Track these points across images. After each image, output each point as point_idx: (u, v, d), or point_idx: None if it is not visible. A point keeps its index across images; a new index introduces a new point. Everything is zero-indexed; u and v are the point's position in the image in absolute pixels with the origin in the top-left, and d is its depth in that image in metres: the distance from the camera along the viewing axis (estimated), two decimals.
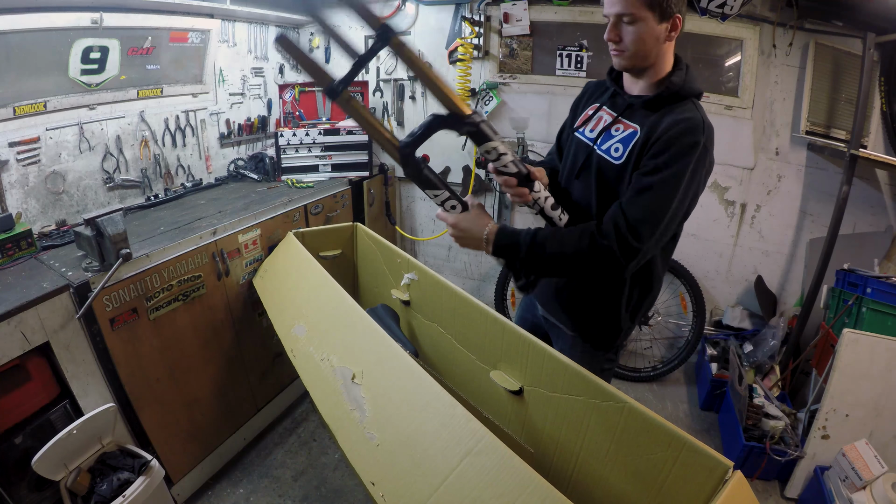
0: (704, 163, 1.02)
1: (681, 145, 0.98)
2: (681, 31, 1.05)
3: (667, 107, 1.06)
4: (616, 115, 1.15)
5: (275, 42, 1.06)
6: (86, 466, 1.43)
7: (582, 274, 1.08)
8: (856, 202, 2.28)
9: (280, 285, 1.83)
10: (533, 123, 2.73)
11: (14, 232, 1.54)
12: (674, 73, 1.08)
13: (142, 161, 2.21)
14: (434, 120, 1.03)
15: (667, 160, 0.99)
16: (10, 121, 1.72)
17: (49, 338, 1.34)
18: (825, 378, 1.88)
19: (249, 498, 1.91)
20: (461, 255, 3.26)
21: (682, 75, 1.07)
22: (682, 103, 1.06)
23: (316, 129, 2.59)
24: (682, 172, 0.98)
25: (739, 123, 2.43)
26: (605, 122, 1.17)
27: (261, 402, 2.19)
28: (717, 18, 2.27)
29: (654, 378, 2.67)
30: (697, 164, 0.99)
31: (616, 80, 1.20)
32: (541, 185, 1.14)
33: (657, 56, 1.06)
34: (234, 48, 2.57)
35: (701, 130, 1.00)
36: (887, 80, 2.23)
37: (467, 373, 1.53)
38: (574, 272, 1.09)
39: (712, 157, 1.06)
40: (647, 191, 1.00)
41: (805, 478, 1.90)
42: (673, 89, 1.05)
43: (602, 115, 1.19)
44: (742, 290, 2.73)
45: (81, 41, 1.84)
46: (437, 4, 2.69)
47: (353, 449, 1.11)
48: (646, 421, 0.99)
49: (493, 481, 0.88)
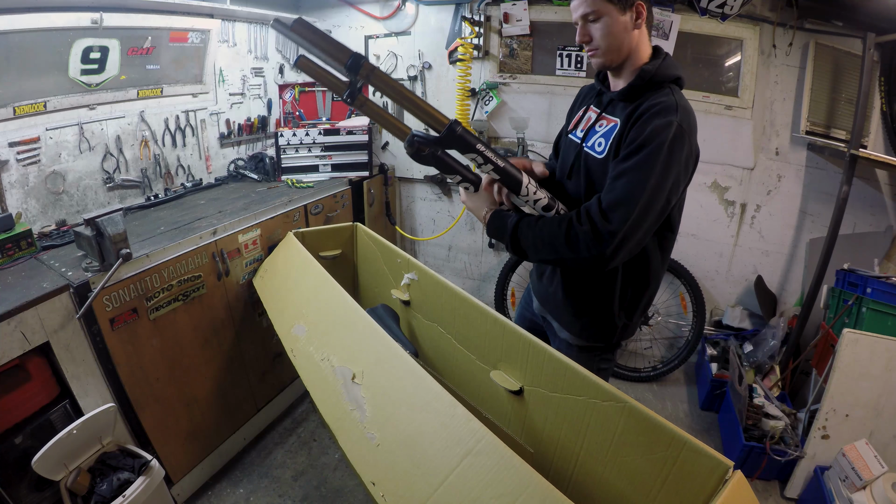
0: (682, 144, 1.00)
1: (653, 127, 0.99)
2: (647, 16, 1.08)
3: (644, 95, 1.08)
4: (599, 112, 1.18)
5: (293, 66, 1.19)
6: (86, 466, 1.43)
7: (563, 260, 1.08)
8: (856, 202, 2.28)
9: (280, 285, 1.83)
10: (533, 123, 2.73)
11: (14, 232, 1.54)
12: (649, 62, 1.10)
13: (142, 161, 2.21)
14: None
15: (640, 143, 0.99)
16: (10, 121, 1.72)
17: (49, 338, 1.34)
18: (825, 378, 1.88)
19: (249, 498, 1.91)
20: (461, 255, 3.26)
21: (655, 63, 1.09)
22: (660, 91, 1.07)
23: (316, 129, 2.59)
24: (655, 154, 0.98)
25: (739, 123, 2.43)
26: (591, 121, 1.20)
27: (261, 402, 2.19)
28: (717, 18, 2.27)
29: (654, 378, 2.67)
30: (674, 144, 0.98)
31: (603, 80, 1.23)
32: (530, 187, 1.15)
33: (630, 48, 1.09)
34: (234, 48, 2.57)
35: (674, 111, 1.00)
36: (887, 80, 2.23)
37: (467, 373, 1.53)
38: (554, 258, 1.10)
39: (695, 143, 1.06)
40: (622, 176, 1.01)
41: (805, 478, 1.90)
42: (646, 77, 1.07)
43: (589, 115, 1.23)
44: (742, 290, 2.73)
45: (81, 41, 1.84)
46: (437, 4, 2.69)
47: (354, 449, 1.11)
48: (646, 421, 0.99)
49: (494, 481, 0.88)
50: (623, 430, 1.04)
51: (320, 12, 2.95)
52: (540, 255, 1.12)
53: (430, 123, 1.12)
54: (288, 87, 2.79)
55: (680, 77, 1.10)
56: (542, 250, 1.10)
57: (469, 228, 3.14)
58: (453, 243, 3.24)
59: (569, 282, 1.25)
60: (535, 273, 1.45)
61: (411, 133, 1.09)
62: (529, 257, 1.15)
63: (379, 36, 2.88)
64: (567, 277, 1.26)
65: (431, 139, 1.09)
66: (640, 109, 1.04)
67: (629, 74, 1.12)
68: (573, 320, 1.28)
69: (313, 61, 1.17)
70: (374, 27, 2.87)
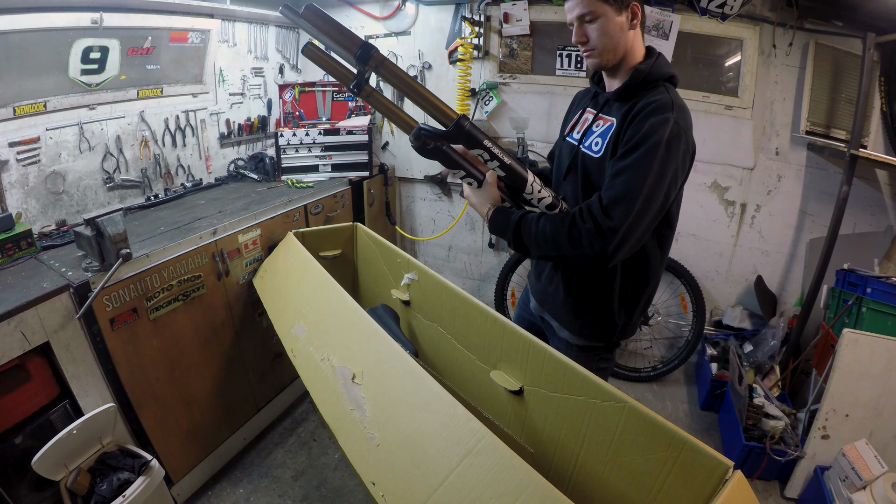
0: (679, 140, 1.01)
1: (650, 125, 1.00)
2: (642, 17, 1.10)
3: (639, 94, 1.09)
4: (596, 113, 1.19)
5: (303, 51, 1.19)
6: (86, 466, 1.43)
7: (565, 257, 1.09)
8: (856, 202, 2.28)
9: (280, 285, 1.83)
10: (533, 123, 2.73)
11: (14, 232, 1.54)
12: (642, 62, 1.12)
13: (142, 161, 2.21)
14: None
15: (637, 141, 1.01)
16: (10, 121, 1.72)
17: (49, 338, 1.34)
18: (825, 378, 1.88)
19: (249, 498, 1.91)
20: (461, 255, 3.26)
21: (649, 63, 1.10)
22: (654, 89, 1.08)
23: (316, 129, 2.59)
24: (653, 150, 0.99)
25: (739, 123, 2.43)
26: (588, 122, 1.21)
27: (261, 402, 2.19)
28: (717, 18, 2.27)
29: (654, 378, 2.67)
30: (671, 141, 1.00)
31: (599, 82, 1.24)
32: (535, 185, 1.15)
33: (625, 48, 1.10)
34: (234, 48, 2.57)
35: (670, 108, 1.02)
36: (887, 80, 2.23)
37: (467, 373, 1.53)
38: (556, 255, 1.10)
39: (692, 139, 1.07)
40: (621, 173, 1.02)
41: (805, 478, 1.90)
42: (640, 76, 1.09)
43: (586, 116, 1.23)
44: (742, 290, 2.73)
45: (81, 41, 1.84)
46: (437, 4, 2.69)
47: (354, 449, 1.11)
48: (646, 421, 0.99)
49: (494, 481, 0.88)
50: (623, 430, 1.04)
51: None
52: (542, 252, 1.13)
53: (437, 117, 1.12)
54: (288, 87, 2.79)
55: (673, 75, 1.12)
56: (544, 247, 1.10)
57: (469, 228, 3.14)
58: (453, 243, 3.24)
59: (568, 281, 1.25)
60: (533, 273, 1.45)
61: (418, 126, 1.09)
62: (531, 254, 1.16)
63: (379, 36, 2.88)
64: (567, 276, 1.26)
65: (438, 133, 1.09)
66: (636, 108, 1.05)
67: (624, 74, 1.13)
68: (573, 319, 1.28)
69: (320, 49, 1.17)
70: (374, 27, 2.87)
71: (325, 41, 1.11)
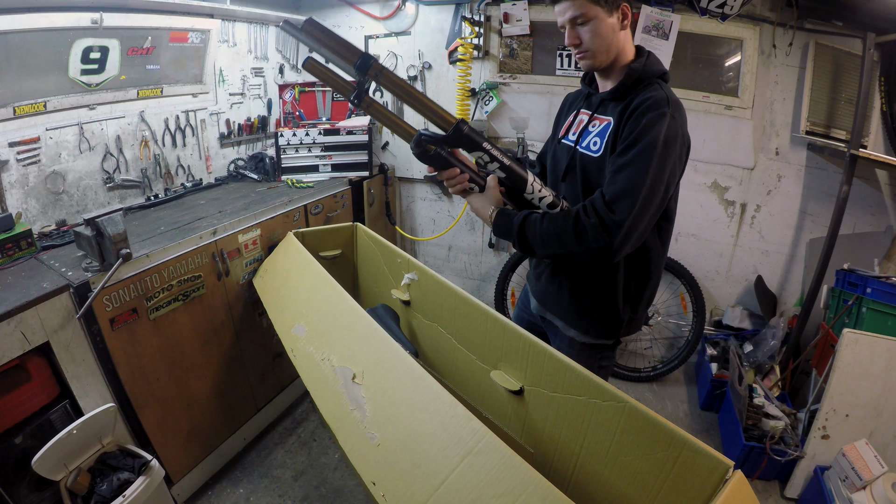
0: (677, 135, 1.04)
1: (648, 120, 1.02)
2: (631, 17, 1.12)
3: (633, 92, 1.11)
4: (591, 113, 1.21)
5: (303, 66, 1.21)
6: (86, 466, 1.43)
7: (570, 254, 1.10)
8: (856, 202, 2.28)
9: (280, 285, 1.83)
10: (533, 123, 2.73)
11: (14, 232, 1.54)
12: (634, 61, 1.14)
13: (142, 161, 2.21)
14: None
15: (636, 136, 1.02)
16: (10, 121, 1.72)
17: (49, 338, 1.34)
18: (825, 378, 1.88)
19: (249, 498, 1.91)
20: (461, 255, 3.26)
21: (641, 61, 1.12)
22: (648, 86, 1.10)
23: (316, 129, 2.59)
24: (652, 145, 1.01)
25: (739, 123, 2.43)
26: (583, 123, 1.22)
27: (261, 402, 2.19)
28: (717, 18, 2.27)
29: (654, 378, 2.67)
30: (668, 135, 1.02)
31: (590, 83, 1.26)
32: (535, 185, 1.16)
33: (617, 48, 1.12)
34: (234, 48, 2.57)
35: (665, 104, 1.04)
36: (887, 80, 2.23)
37: (467, 373, 1.53)
38: (562, 252, 1.12)
39: (687, 133, 1.10)
40: (622, 169, 1.03)
41: (805, 478, 1.90)
42: (634, 75, 1.11)
43: (581, 118, 1.25)
44: (742, 290, 2.73)
45: (81, 41, 1.84)
46: (437, 4, 2.69)
47: (354, 449, 1.11)
48: (646, 421, 0.99)
49: (494, 481, 0.88)
50: (623, 430, 1.04)
51: (320, 12, 2.94)
52: (548, 250, 1.14)
53: (436, 122, 1.13)
54: (288, 87, 2.79)
55: (666, 72, 1.15)
56: (549, 245, 1.11)
57: (469, 228, 3.14)
58: (453, 243, 3.24)
59: (572, 280, 1.26)
60: (532, 274, 1.45)
61: (418, 133, 1.10)
62: (537, 253, 1.17)
63: (379, 36, 2.88)
64: (570, 276, 1.26)
65: (438, 138, 1.10)
66: (632, 105, 1.07)
67: (617, 74, 1.15)
68: (579, 318, 1.28)
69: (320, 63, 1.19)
70: (374, 27, 2.87)
71: (326, 54, 1.12)
